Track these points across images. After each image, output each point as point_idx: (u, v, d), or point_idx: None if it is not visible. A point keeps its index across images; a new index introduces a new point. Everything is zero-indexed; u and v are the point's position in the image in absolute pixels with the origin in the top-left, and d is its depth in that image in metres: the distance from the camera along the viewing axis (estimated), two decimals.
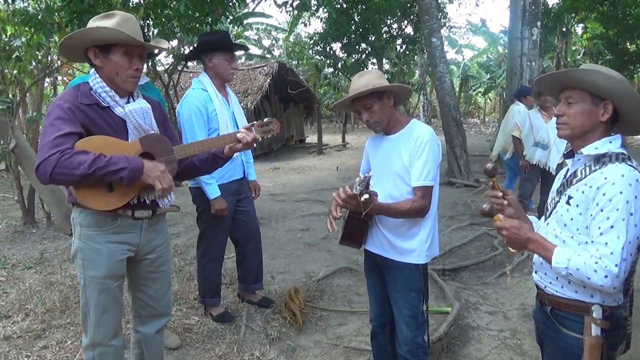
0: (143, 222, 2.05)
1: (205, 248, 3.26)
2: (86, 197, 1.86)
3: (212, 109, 3.02)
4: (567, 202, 1.53)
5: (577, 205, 1.49)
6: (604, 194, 1.41)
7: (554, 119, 6.14)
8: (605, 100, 1.49)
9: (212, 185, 3.03)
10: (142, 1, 6.38)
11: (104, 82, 1.93)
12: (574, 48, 20.19)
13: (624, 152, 1.50)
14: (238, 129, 3.38)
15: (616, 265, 1.36)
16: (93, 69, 1.97)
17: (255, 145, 2.22)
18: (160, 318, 2.25)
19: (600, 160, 1.49)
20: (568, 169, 1.64)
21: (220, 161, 2.19)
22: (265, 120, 2.23)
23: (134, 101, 2.02)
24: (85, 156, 1.76)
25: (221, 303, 3.45)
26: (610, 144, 1.51)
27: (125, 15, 1.94)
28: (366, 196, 1.83)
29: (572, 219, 1.51)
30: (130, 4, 6.09)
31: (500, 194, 1.64)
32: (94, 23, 1.92)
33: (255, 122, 2.20)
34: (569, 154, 1.64)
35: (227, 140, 2.14)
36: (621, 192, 1.38)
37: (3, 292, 3.84)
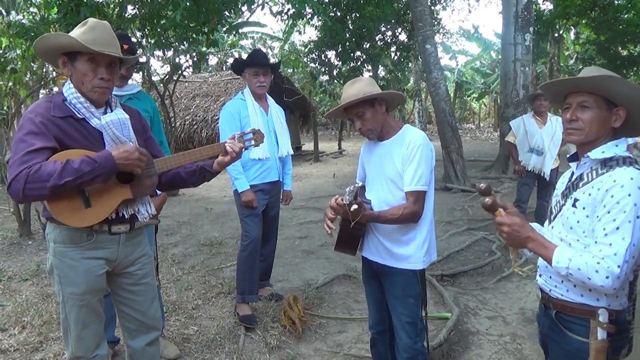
0: (120, 237, 1.98)
1: (246, 244, 3.46)
2: (61, 212, 1.79)
3: (244, 114, 3.38)
4: (574, 205, 1.53)
5: (584, 208, 1.49)
6: (612, 196, 1.41)
7: (548, 124, 6.14)
8: (618, 107, 1.50)
9: (240, 180, 3.35)
10: (137, 12, 6.40)
11: (78, 93, 1.86)
12: (566, 53, 20.39)
13: (630, 155, 1.50)
14: (277, 140, 3.50)
15: (619, 267, 1.36)
16: (68, 79, 1.91)
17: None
18: (149, 332, 2.17)
19: (607, 163, 1.49)
20: (573, 172, 1.63)
21: (209, 175, 2.11)
22: (248, 130, 2.16)
23: (112, 112, 1.94)
24: (52, 166, 1.68)
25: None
26: (617, 148, 1.51)
27: (95, 23, 1.87)
28: (355, 206, 1.84)
29: (578, 222, 1.50)
30: (126, 15, 6.11)
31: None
32: (72, 32, 1.87)
33: (238, 133, 2.14)
34: (573, 157, 1.64)
35: (211, 151, 2.05)
36: (629, 195, 1.39)
37: None
